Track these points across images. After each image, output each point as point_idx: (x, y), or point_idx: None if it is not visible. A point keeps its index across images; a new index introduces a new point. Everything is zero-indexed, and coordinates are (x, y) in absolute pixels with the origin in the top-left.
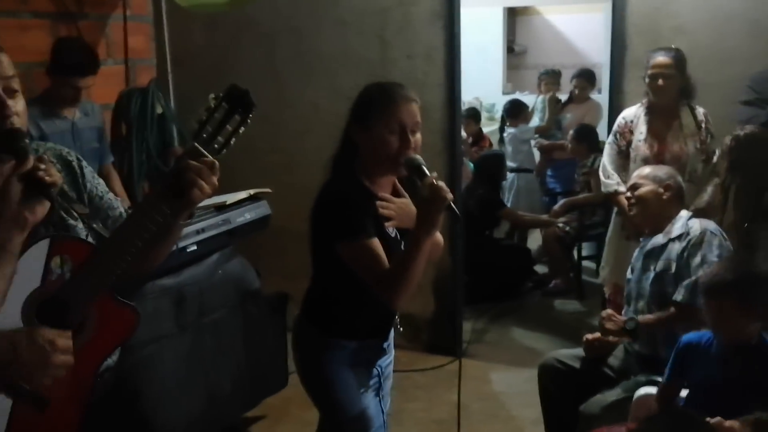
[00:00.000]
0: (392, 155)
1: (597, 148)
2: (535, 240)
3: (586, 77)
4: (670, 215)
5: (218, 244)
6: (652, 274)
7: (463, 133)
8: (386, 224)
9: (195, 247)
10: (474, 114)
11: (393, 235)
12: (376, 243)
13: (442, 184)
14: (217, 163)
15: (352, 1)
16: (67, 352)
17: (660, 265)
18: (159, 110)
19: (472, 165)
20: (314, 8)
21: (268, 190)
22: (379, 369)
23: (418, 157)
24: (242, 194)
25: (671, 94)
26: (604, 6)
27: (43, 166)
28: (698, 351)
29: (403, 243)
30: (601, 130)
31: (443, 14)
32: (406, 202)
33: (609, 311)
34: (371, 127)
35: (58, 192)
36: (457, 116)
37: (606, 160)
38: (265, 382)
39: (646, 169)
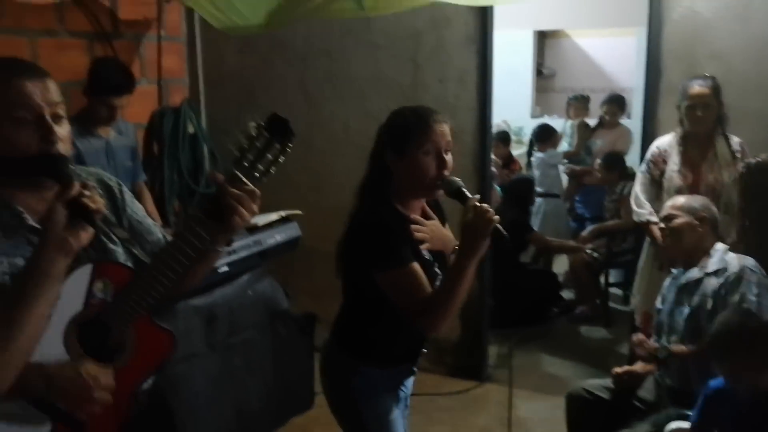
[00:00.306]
0: (430, 178)
1: (627, 175)
2: (561, 265)
3: (617, 102)
4: (705, 248)
5: (249, 264)
6: (686, 310)
7: (494, 156)
8: (421, 247)
9: (226, 268)
10: (504, 137)
11: (427, 257)
12: (417, 268)
13: (486, 206)
14: (257, 191)
15: (385, 25)
16: (108, 389)
17: (695, 300)
18: (191, 130)
19: (499, 188)
20: (347, 31)
21: (298, 212)
22: (405, 389)
23: (457, 179)
24: (273, 216)
25: (708, 124)
26: (637, 30)
27: (87, 193)
28: (726, 398)
29: (436, 265)
30: (633, 156)
31: (476, 38)
32: (437, 224)
33: (640, 336)
34: (407, 153)
35: (100, 218)
36: (488, 140)
37: (638, 189)
38: (292, 401)
39: (681, 200)
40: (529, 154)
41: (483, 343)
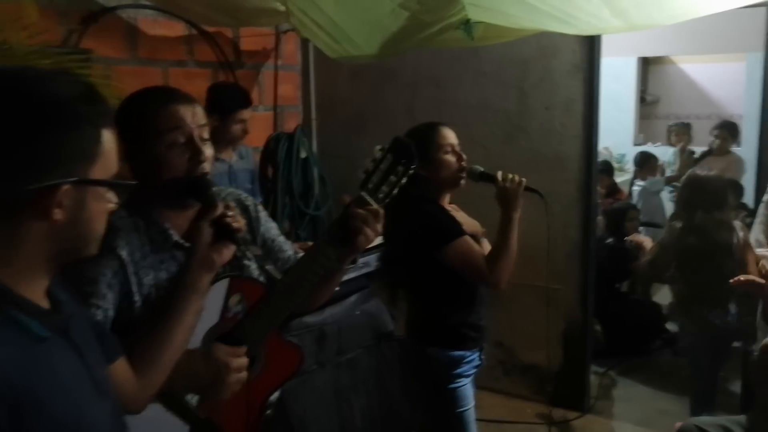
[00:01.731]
0: (454, 171)
1: (741, 204)
2: (664, 296)
3: (729, 129)
4: None
5: (357, 285)
6: None
7: None
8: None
9: (337, 288)
10: (606, 167)
11: None
12: (470, 239)
13: (511, 175)
14: (381, 211)
15: (492, 53)
16: (240, 370)
17: None
18: (303, 154)
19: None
20: (455, 59)
21: None
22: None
23: (476, 165)
24: (380, 238)
25: None
26: (748, 56)
27: (230, 213)
28: None
29: None
30: (747, 185)
31: (583, 66)
32: (464, 214)
33: None
34: (431, 157)
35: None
36: (594, 167)
37: (760, 221)
38: (395, 423)
39: None
40: (632, 182)
41: (585, 373)
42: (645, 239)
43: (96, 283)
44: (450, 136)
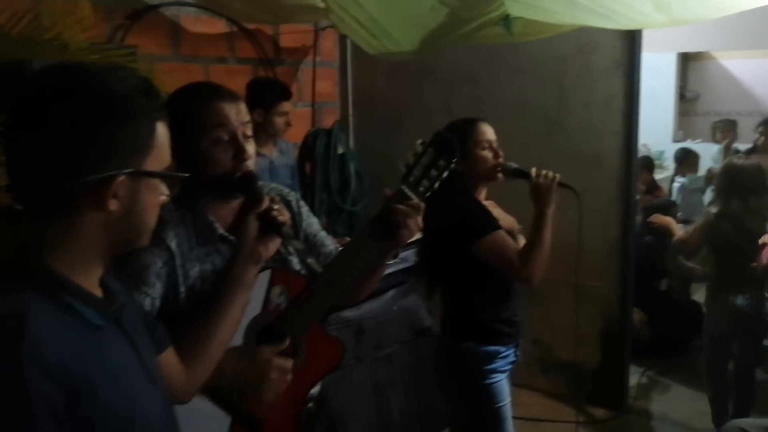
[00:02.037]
0: (490, 167)
1: None
2: (702, 295)
3: None
4: None
5: (395, 280)
6: None
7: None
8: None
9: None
10: (647, 162)
11: None
12: (504, 233)
13: (545, 171)
14: (423, 205)
15: (531, 50)
16: (283, 372)
17: None
18: (340, 150)
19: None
20: (493, 56)
21: None
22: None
23: (510, 162)
24: (418, 234)
25: None
26: None
27: (276, 207)
28: None
29: None
30: None
31: (623, 62)
32: (500, 210)
33: None
34: (468, 152)
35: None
36: (633, 164)
37: None
38: (432, 419)
39: None
40: (673, 179)
41: (624, 372)
42: (670, 220)
43: (147, 271)
44: (488, 132)
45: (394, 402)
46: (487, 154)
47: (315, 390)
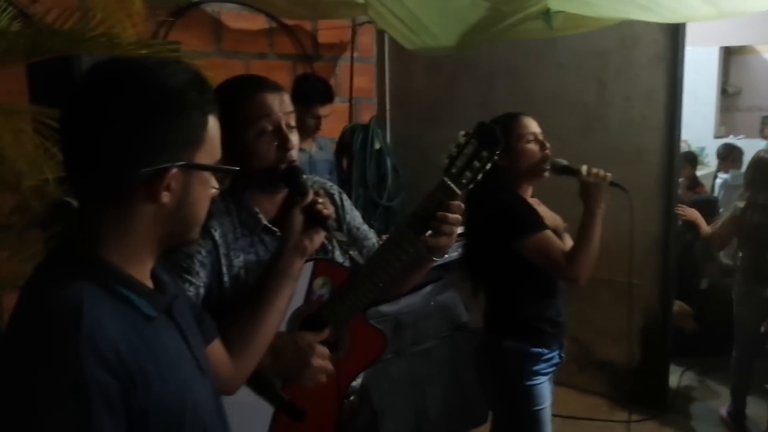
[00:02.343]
0: (537, 161)
1: None
2: None
3: None
4: None
5: (433, 276)
6: None
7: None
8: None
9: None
10: (691, 157)
11: None
12: (551, 233)
13: (596, 169)
14: (462, 205)
15: (571, 44)
16: (325, 357)
17: None
18: (377, 146)
19: None
20: (532, 51)
21: None
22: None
23: (560, 159)
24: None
25: None
26: None
27: (320, 200)
28: None
29: None
30: None
31: (665, 56)
32: (545, 208)
33: None
34: (512, 146)
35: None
36: (676, 160)
37: None
38: (468, 414)
39: None
40: (716, 175)
41: (665, 371)
42: (697, 214)
43: (191, 260)
44: (532, 124)
45: (431, 397)
46: (533, 147)
47: (357, 383)
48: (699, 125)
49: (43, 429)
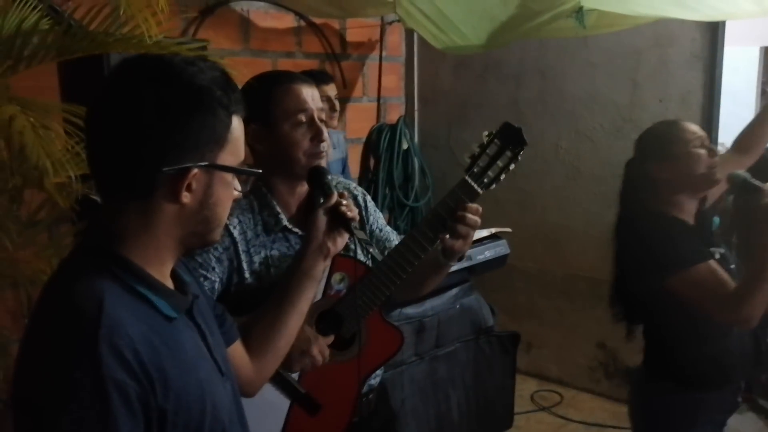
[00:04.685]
0: (703, 173)
1: None
2: None
3: None
4: None
5: (458, 279)
6: None
7: None
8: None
9: None
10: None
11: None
12: (715, 264)
13: None
14: (480, 208)
15: (603, 43)
16: (322, 351)
17: None
18: (405, 146)
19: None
20: (562, 50)
21: (508, 229)
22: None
23: (741, 172)
24: (484, 232)
25: None
26: None
27: (345, 202)
28: None
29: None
30: None
31: (703, 56)
32: None
33: None
34: (676, 153)
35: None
36: None
37: None
38: (491, 419)
39: None
40: None
41: None
42: None
43: (206, 255)
44: (695, 128)
45: (454, 400)
46: (701, 151)
47: (375, 381)
48: (737, 128)
49: (60, 425)
